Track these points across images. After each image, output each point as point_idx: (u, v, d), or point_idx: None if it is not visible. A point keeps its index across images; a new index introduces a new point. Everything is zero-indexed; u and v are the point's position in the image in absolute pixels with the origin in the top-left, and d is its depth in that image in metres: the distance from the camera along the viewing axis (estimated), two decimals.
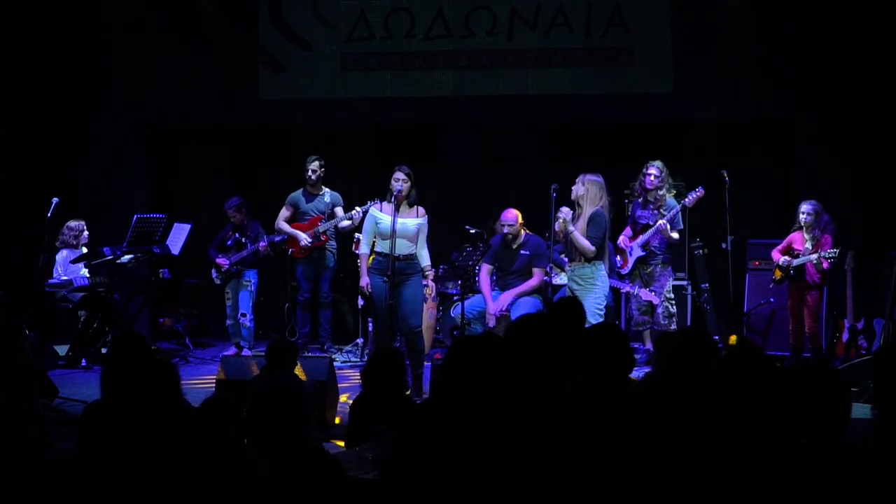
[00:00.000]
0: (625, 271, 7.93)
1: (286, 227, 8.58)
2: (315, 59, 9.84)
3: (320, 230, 8.49)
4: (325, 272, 8.63)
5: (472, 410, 2.84)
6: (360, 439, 4.30)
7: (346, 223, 8.46)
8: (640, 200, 8.06)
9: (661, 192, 7.87)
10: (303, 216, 8.59)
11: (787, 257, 7.81)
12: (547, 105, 9.76)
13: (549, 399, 3.17)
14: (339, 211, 8.56)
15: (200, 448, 2.84)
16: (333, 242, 8.66)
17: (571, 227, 6.67)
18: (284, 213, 8.62)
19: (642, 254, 7.84)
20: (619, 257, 8.01)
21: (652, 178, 7.83)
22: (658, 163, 7.90)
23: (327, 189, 8.64)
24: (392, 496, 2.81)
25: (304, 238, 8.47)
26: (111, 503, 3.02)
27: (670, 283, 7.92)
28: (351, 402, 5.14)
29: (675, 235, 7.83)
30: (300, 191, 8.64)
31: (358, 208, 8.25)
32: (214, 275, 8.80)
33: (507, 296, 7.75)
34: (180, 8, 9.85)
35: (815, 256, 7.62)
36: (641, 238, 7.84)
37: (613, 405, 3.17)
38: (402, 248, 6.87)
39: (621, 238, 8.00)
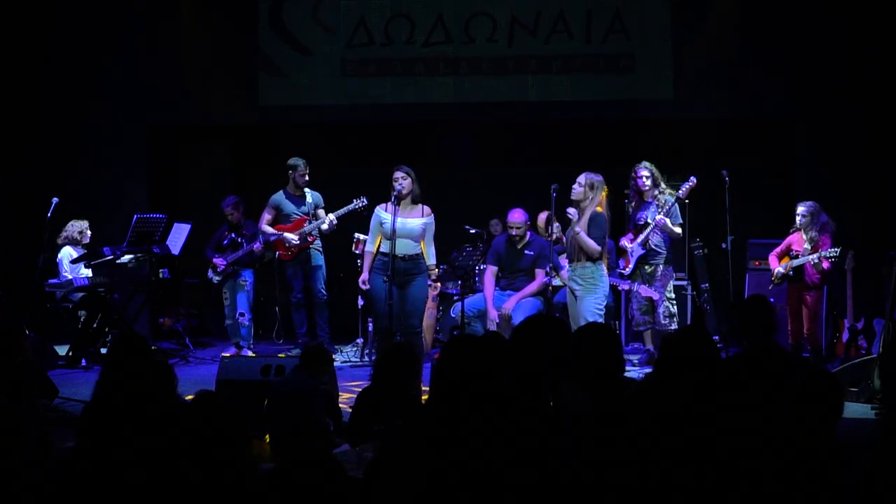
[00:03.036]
0: (627, 272, 7.92)
1: (270, 231, 8.55)
2: (315, 64, 9.83)
3: (306, 231, 8.47)
4: (316, 272, 8.60)
5: (467, 410, 2.84)
6: (360, 439, 4.30)
7: (324, 227, 8.44)
8: (633, 204, 8.05)
9: (658, 192, 7.85)
10: (286, 218, 8.56)
11: (780, 269, 7.78)
12: (547, 111, 9.77)
13: (542, 399, 3.16)
14: (321, 212, 8.55)
15: (195, 445, 2.83)
16: (319, 242, 8.65)
17: (577, 228, 6.66)
18: (267, 216, 8.58)
19: (643, 252, 7.83)
20: (622, 260, 8.00)
21: (644, 179, 7.83)
22: (646, 163, 7.89)
23: (307, 189, 8.62)
24: (378, 496, 2.81)
25: (292, 240, 8.45)
26: (111, 503, 3.02)
27: (672, 282, 7.90)
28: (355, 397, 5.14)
29: (678, 230, 7.77)
30: (281, 193, 8.61)
31: (332, 216, 8.31)
32: (211, 274, 8.81)
33: (514, 300, 7.77)
34: (181, 9, 9.86)
35: (814, 256, 7.60)
36: (641, 236, 7.83)
37: (606, 406, 3.16)
38: (406, 247, 6.86)
39: (622, 240, 7.99)
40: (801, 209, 7.75)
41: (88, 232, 8.75)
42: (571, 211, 6.75)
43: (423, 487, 2.77)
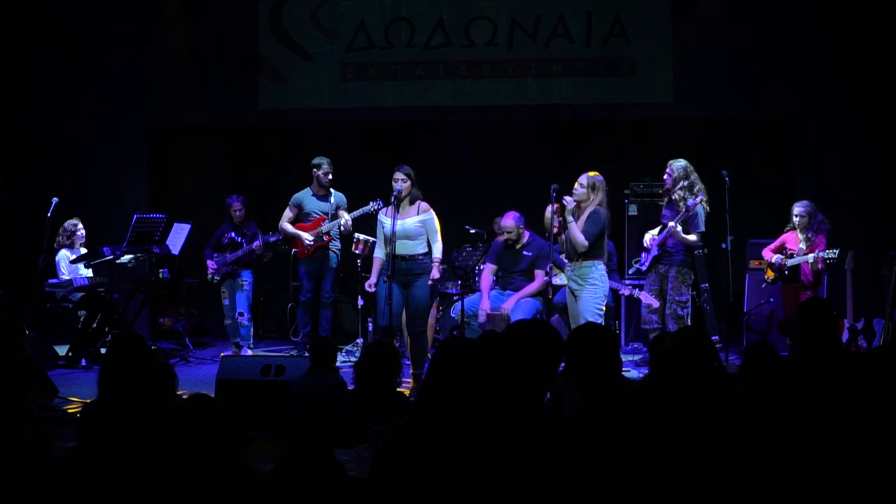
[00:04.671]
0: (643, 268, 7.91)
1: (290, 228, 8.55)
2: (315, 68, 9.82)
3: (323, 230, 8.47)
4: (328, 273, 8.61)
5: (459, 412, 2.84)
6: (360, 439, 4.29)
7: (342, 227, 8.44)
8: (665, 200, 8.03)
9: (679, 192, 7.79)
10: (306, 217, 8.57)
11: (779, 256, 7.80)
12: (547, 113, 9.77)
13: (537, 400, 3.16)
14: (341, 212, 8.55)
15: (192, 445, 2.83)
16: (337, 243, 8.64)
17: (570, 218, 6.67)
18: (288, 213, 8.59)
19: (657, 252, 7.81)
20: (644, 253, 8.00)
21: (665, 177, 7.82)
22: (674, 163, 7.83)
23: (332, 189, 8.63)
24: (382, 494, 2.81)
25: (308, 238, 8.45)
26: (110, 503, 3.02)
27: (685, 288, 7.78)
28: None
29: (691, 238, 7.69)
30: (306, 191, 8.60)
31: (347, 216, 8.30)
32: (209, 273, 8.83)
33: (513, 300, 7.76)
34: (181, 11, 9.86)
35: (811, 257, 7.60)
36: (659, 237, 7.81)
37: (602, 406, 3.16)
38: (404, 248, 6.87)
39: (646, 236, 7.99)
40: (797, 209, 7.75)
41: (81, 231, 8.72)
42: (568, 199, 6.75)
43: (426, 487, 2.77)
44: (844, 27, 9.09)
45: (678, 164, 7.81)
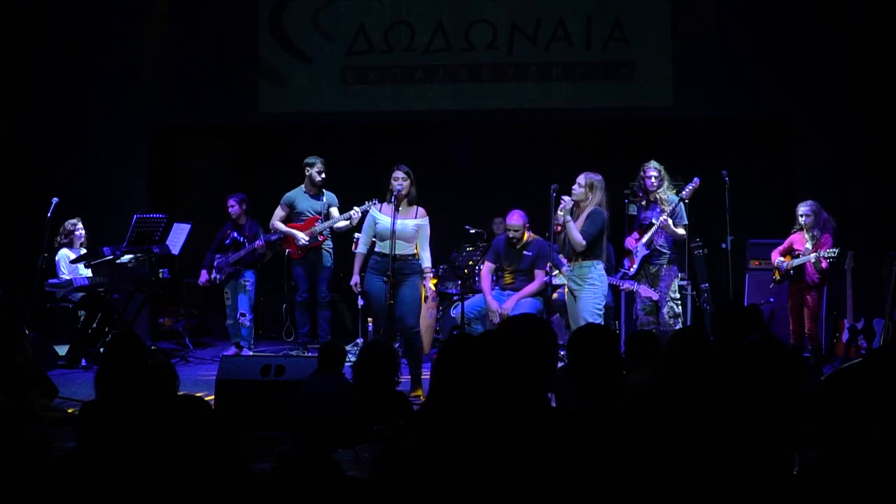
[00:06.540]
0: (632, 272, 7.90)
1: (282, 227, 8.55)
2: (315, 71, 9.81)
3: (317, 230, 8.46)
4: (323, 272, 8.60)
5: (465, 410, 2.84)
6: (360, 439, 4.29)
7: (343, 224, 8.43)
8: (642, 203, 8.00)
9: (662, 192, 7.81)
10: (299, 216, 8.56)
11: (781, 259, 7.79)
12: (548, 116, 9.77)
13: (541, 399, 3.16)
14: (334, 211, 8.54)
15: (185, 445, 2.83)
16: (330, 242, 8.64)
17: (568, 218, 6.68)
18: (280, 213, 8.58)
19: (647, 252, 7.80)
20: (627, 260, 7.99)
21: (652, 179, 7.79)
22: (654, 163, 7.86)
23: (324, 189, 8.63)
24: (385, 495, 2.82)
25: (302, 238, 8.45)
26: (110, 503, 3.02)
27: (676, 282, 7.83)
28: None
29: (681, 231, 7.71)
30: (298, 190, 8.59)
31: (356, 208, 8.23)
32: (213, 274, 8.83)
33: (513, 300, 7.76)
34: (182, 9, 9.86)
35: (813, 256, 7.61)
36: (646, 237, 7.80)
37: (606, 405, 3.16)
38: (400, 248, 6.86)
39: (628, 240, 7.98)
40: (803, 209, 7.74)
41: (80, 231, 8.73)
42: (567, 198, 6.75)
43: (426, 488, 2.77)
44: (844, 27, 9.10)
45: (657, 165, 7.80)
